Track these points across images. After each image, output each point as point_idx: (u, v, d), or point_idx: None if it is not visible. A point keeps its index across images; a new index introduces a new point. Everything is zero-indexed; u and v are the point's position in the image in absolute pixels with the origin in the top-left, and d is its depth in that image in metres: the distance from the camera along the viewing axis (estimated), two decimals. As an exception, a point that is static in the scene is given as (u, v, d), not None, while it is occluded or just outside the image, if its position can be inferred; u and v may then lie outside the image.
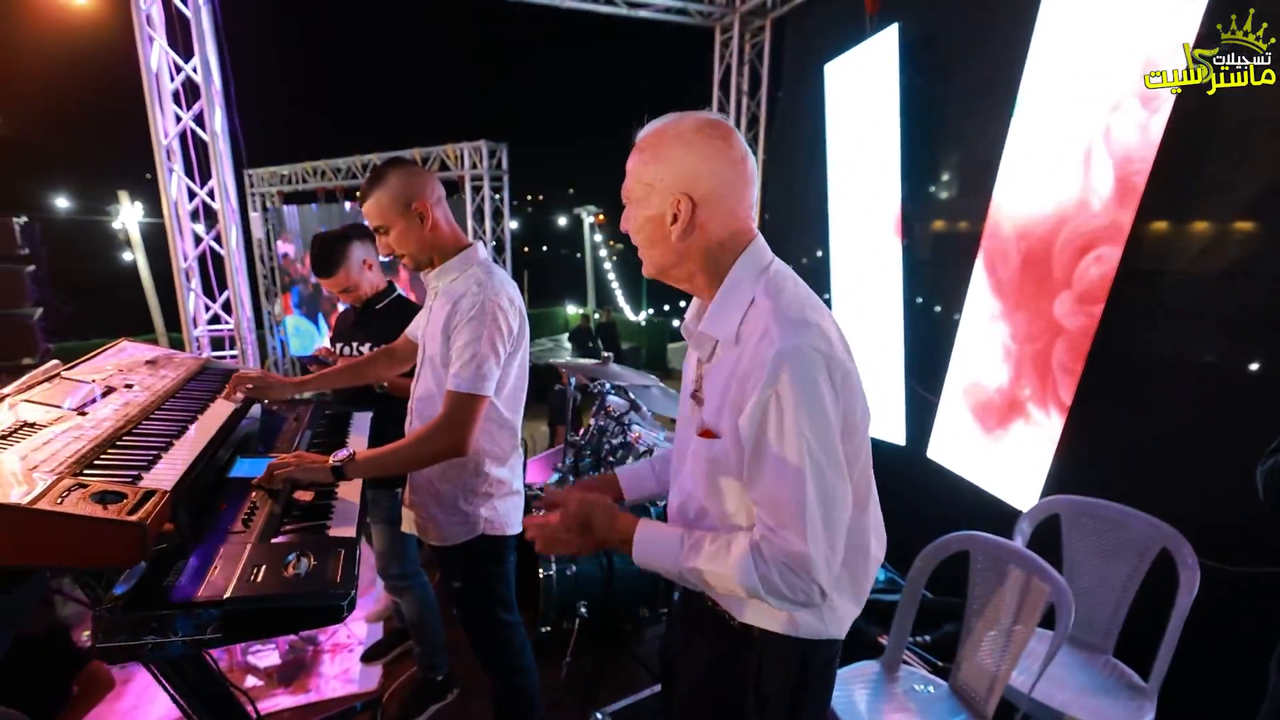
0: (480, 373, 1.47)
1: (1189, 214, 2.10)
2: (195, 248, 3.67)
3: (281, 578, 1.13)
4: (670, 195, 0.96)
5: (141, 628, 1.03)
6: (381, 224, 1.56)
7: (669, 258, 1.02)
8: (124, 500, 1.07)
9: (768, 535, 0.90)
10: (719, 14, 4.11)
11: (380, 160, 5.85)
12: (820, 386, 0.88)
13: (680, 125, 0.97)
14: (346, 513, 1.42)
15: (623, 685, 2.36)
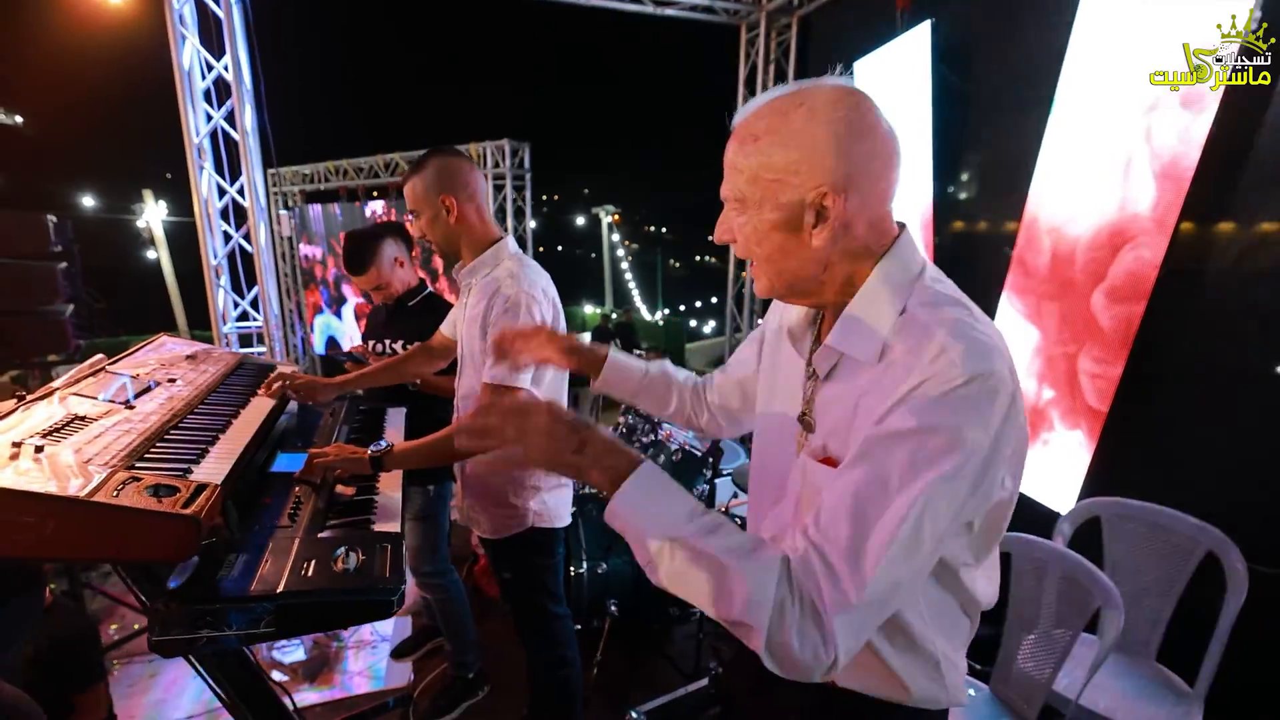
0: (515, 366, 1.46)
1: (1232, 214, 2.05)
2: (225, 245, 3.71)
3: (331, 572, 1.13)
4: (809, 188, 0.75)
5: (197, 621, 1.03)
6: (414, 209, 1.60)
7: (808, 268, 0.80)
8: (177, 494, 1.08)
9: (808, 558, 0.69)
10: (745, 12, 4.09)
11: (403, 159, 5.89)
12: (992, 431, 0.69)
13: (812, 98, 0.75)
14: (389, 508, 1.41)
15: (654, 684, 2.34)
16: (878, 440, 0.70)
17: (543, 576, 1.73)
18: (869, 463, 0.70)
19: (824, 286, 0.83)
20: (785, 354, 0.97)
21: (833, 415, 0.83)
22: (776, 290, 0.85)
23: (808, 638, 0.66)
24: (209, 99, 3.55)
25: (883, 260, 0.80)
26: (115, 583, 2.97)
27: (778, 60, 4.21)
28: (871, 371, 0.78)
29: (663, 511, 0.73)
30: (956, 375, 0.68)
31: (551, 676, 1.80)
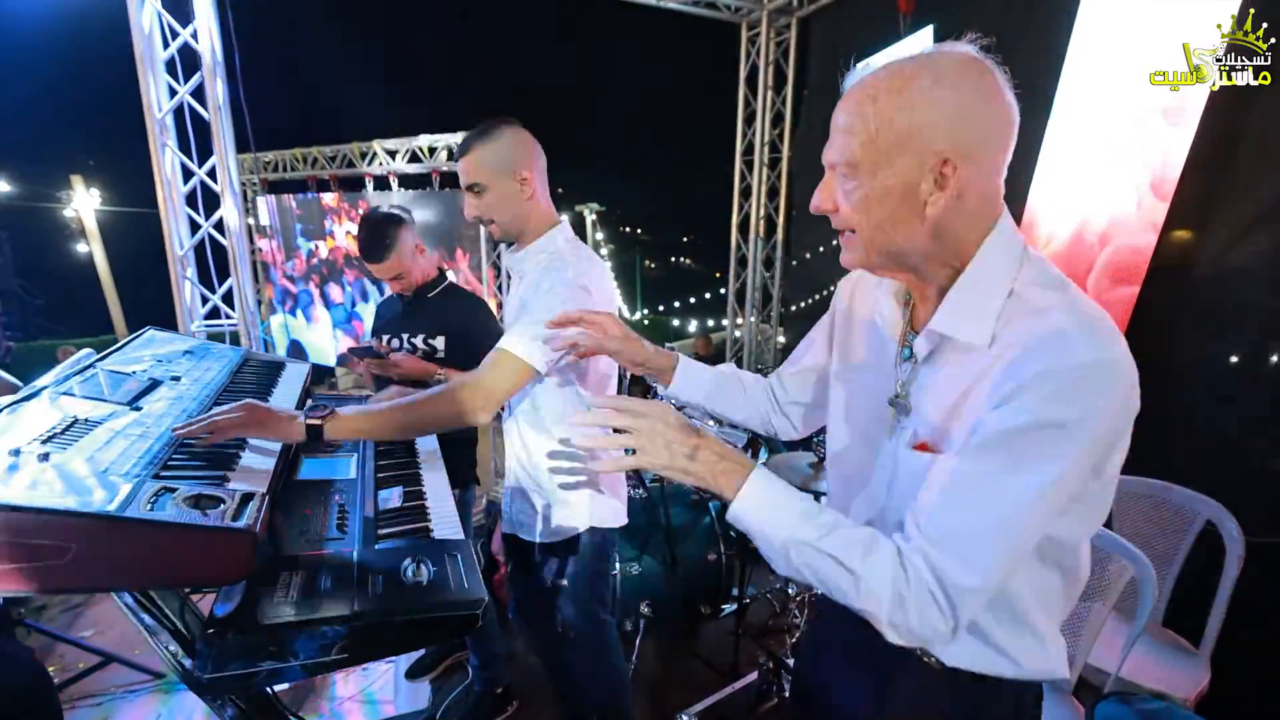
0: (536, 341, 1.31)
1: (1216, 216, 2.17)
2: (193, 234, 3.42)
3: (404, 587, 0.99)
4: (931, 156, 0.72)
5: (258, 653, 0.87)
6: (478, 183, 1.41)
7: (906, 240, 0.77)
8: (223, 505, 0.92)
9: (926, 551, 0.71)
10: (747, 9, 4.01)
11: (381, 148, 5.61)
12: (1111, 417, 0.69)
13: (938, 62, 0.73)
14: (445, 513, 1.27)
15: (691, 684, 2.25)
16: (995, 432, 0.69)
17: (598, 581, 1.62)
18: (986, 453, 0.70)
19: (928, 260, 0.80)
20: (873, 337, 0.94)
21: (934, 402, 0.81)
22: (873, 261, 0.82)
23: (926, 618, 0.70)
24: (172, 70, 3.26)
25: (990, 236, 0.78)
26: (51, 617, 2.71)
27: (778, 61, 4.14)
28: (982, 358, 0.75)
29: (781, 515, 0.77)
30: (1077, 362, 0.67)
31: (601, 685, 1.69)
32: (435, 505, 1.30)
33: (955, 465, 0.72)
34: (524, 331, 1.33)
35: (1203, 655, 1.85)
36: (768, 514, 0.78)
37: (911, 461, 0.81)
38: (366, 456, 1.48)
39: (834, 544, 0.73)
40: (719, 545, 2.46)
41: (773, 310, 4.53)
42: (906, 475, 0.83)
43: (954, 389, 0.77)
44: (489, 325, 2.16)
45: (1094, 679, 1.73)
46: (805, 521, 0.75)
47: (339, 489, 1.30)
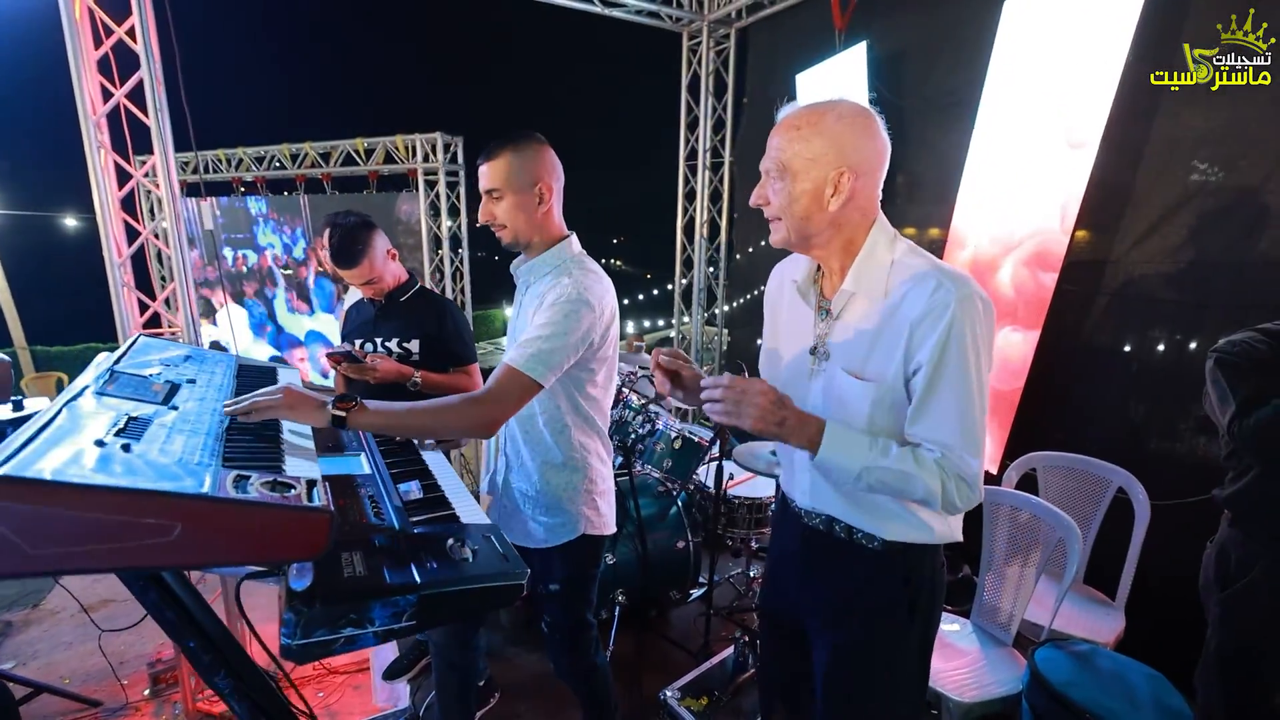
0: (544, 359, 1.39)
1: (1122, 218, 2.47)
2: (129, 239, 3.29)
3: (456, 562, 1.11)
4: (833, 169, 1.06)
5: (340, 619, 0.97)
6: (496, 188, 1.49)
7: (818, 227, 1.11)
8: (296, 490, 1.01)
9: (947, 455, 1.02)
10: (688, 19, 4.22)
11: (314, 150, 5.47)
12: (988, 326, 1.04)
13: (840, 108, 1.07)
14: (465, 501, 1.38)
15: (665, 668, 2.39)
16: (939, 366, 1.02)
17: (588, 586, 1.69)
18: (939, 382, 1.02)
19: (830, 242, 1.13)
20: (790, 308, 1.27)
21: (851, 343, 1.13)
22: (792, 240, 1.15)
23: (966, 497, 1.04)
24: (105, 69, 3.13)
25: (874, 228, 1.13)
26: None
27: (718, 69, 4.39)
28: (880, 305, 1.09)
29: (853, 452, 1.04)
30: (950, 297, 1.01)
31: (586, 685, 1.79)
32: (454, 495, 1.40)
33: (929, 396, 1.03)
34: (529, 346, 1.40)
35: (1118, 605, 2.15)
36: (844, 452, 1.04)
37: (844, 388, 1.12)
38: (375, 455, 1.55)
39: (895, 459, 1.02)
40: (687, 534, 2.63)
41: (718, 308, 4.77)
42: (834, 400, 1.14)
43: (865, 332, 1.10)
44: (460, 327, 2.24)
45: (1029, 633, 1.98)
46: (870, 450, 1.03)
47: (361, 483, 1.38)
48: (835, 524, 1.22)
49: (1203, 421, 2.29)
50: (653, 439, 2.46)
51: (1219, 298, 2.22)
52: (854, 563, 1.20)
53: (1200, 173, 2.26)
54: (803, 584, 1.29)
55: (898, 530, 1.16)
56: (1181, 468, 2.32)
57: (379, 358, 2.08)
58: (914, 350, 1.04)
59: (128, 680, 2.42)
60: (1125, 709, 1.53)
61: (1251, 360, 1.48)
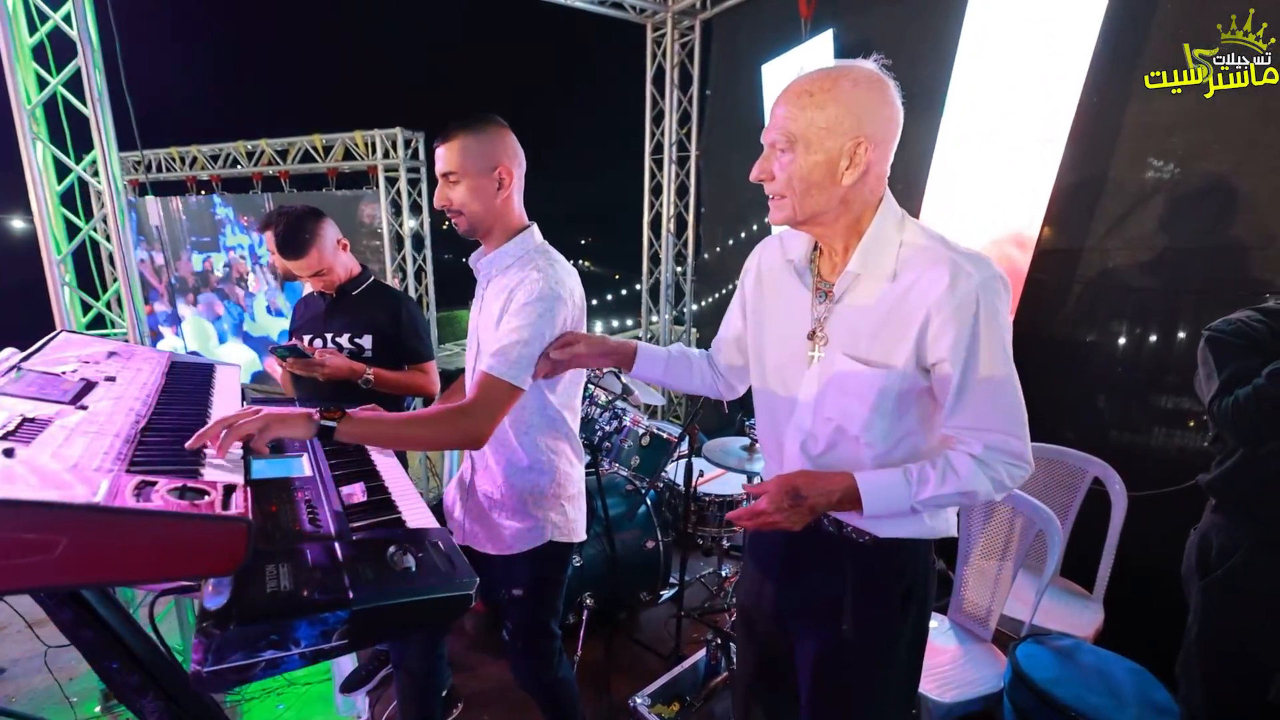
0: (524, 364, 1.34)
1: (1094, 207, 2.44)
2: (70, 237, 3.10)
3: (396, 574, 1.01)
4: (849, 138, 0.98)
5: (259, 640, 0.86)
6: (453, 171, 1.40)
7: (825, 202, 1.03)
8: (208, 496, 0.91)
9: (990, 442, 0.99)
10: (652, 10, 4.15)
11: (271, 147, 5.29)
12: (1007, 308, 0.99)
13: (854, 72, 0.99)
14: (412, 504, 1.28)
15: (634, 672, 2.32)
16: (971, 358, 0.97)
17: (553, 593, 1.61)
18: (977, 368, 0.97)
19: (837, 220, 1.05)
20: (785, 289, 1.18)
21: (855, 326, 1.05)
22: (798, 218, 1.06)
23: (1017, 476, 1.01)
24: (41, 58, 2.95)
25: (881, 206, 1.05)
26: None
27: (683, 62, 4.32)
28: (889, 289, 1.02)
29: (894, 496, 1.01)
30: (972, 284, 0.95)
31: (549, 697, 1.71)
32: (401, 498, 1.30)
33: (967, 389, 0.98)
34: (509, 352, 1.34)
35: (1096, 598, 2.11)
36: (890, 503, 1.01)
37: (865, 378, 1.05)
38: (318, 455, 1.44)
39: (939, 482, 1.00)
40: (656, 533, 2.55)
41: (686, 305, 4.70)
42: (834, 387, 1.08)
43: (872, 315, 1.04)
44: (417, 323, 2.13)
45: (1008, 629, 1.94)
46: (910, 486, 1.01)
47: (299, 486, 1.27)
48: (824, 518, 1.15)
49: (1179, 410, 2.28)
50: (620, 436, 2.38)
51: (1192, 285, 2.21)
52: (843, 559, 1.14)
53: (1170, 160, 2.24)
54: (787, 582, 1.23)
55: (890, 526, 1.10)
56: (1158, 457, 2.30)
57: (328, 353, 1.96)
58: (934, 339, 0.98)
59: (77, 698, 2.32)
60: (1110, 705, 1.49)
61: (1244, 338, 1.45)
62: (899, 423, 1.05)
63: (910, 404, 1.05)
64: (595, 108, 28.81)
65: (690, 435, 2.27)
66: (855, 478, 1.01)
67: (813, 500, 1.01)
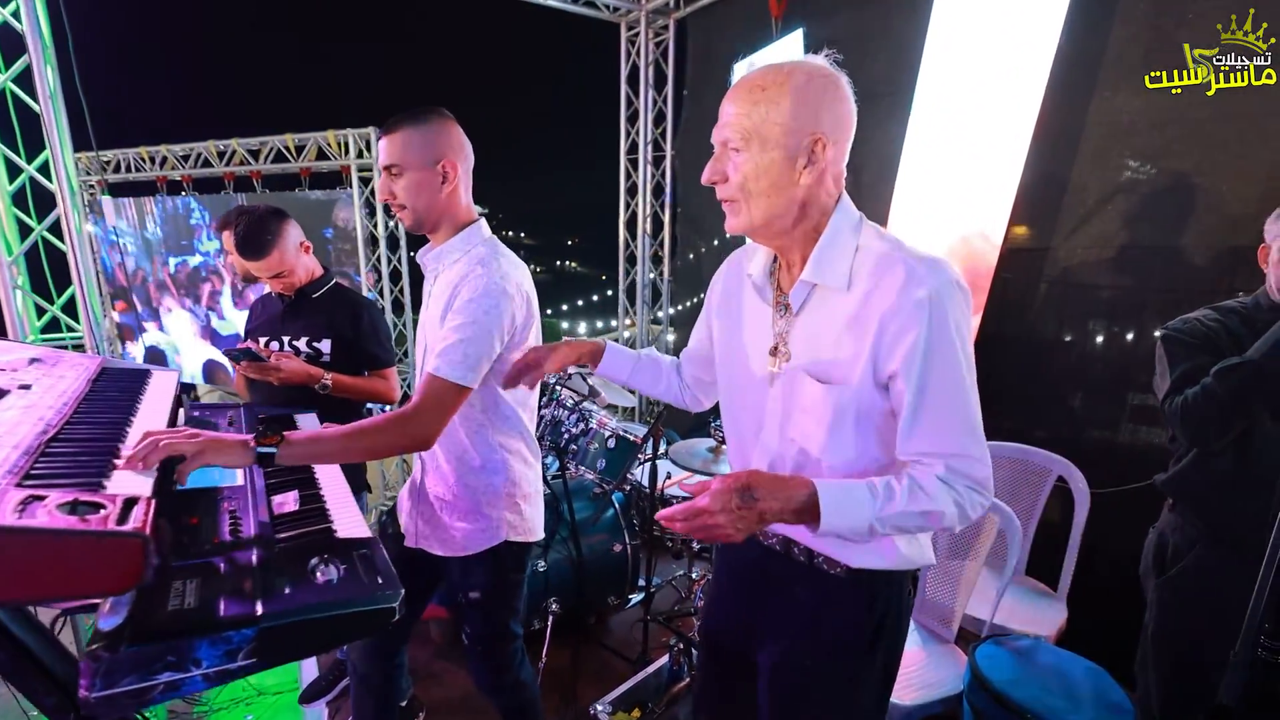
0: (470, 363, 1.31)
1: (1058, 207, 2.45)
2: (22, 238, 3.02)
3: (315, 587, 0.97)
4: (806, 135, 0.91)
5: (155, 662, 0.82)
6: (396, 164, 1.37)
7: (783, 205, 0.96)
8: (105, 510, 0.86)
9: (951, 464, 0.91)
10: (625, 9, 4.11)
11: (242, 147, 5.20)
12: (967, 312, 0.92)
13: (807, 67, 0.93)
14: (347, 512, 1.23)
15: (601, 677, 2.28)
16: (924, 372, 0.90)
17: (512, 594, 1.58)
18: (930, 384, 0.90)
19: (796, 227, 0.98)
20: (746, 305, 1.13)
21: (813, 341, 1.00)
22: (756, 224, 0.98)
23: (978, 504, 0.93)
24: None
25: (837, 210, 0.99)
26: None
27: (657, 60, 4.28)
28: (845, 299, 0.96)
29: (856, 509, 0.90)
30: (923, 290, 0.88)
31: (515, 700, 1.66)
32: (335, 506, 1.25)
33: (920, 407, 0.91)
34: (453, 351, 1.31)
35: (1060, 596, 2.11)
36: (848, 515, 0.90)
37: (820, 395, 0.98)
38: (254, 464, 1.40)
39: (904, 499, 0.90)
40: (624, 536, 2.52)
41: (663, 307, 4.66)
42: (796, 405, 1.01)
43: (829, 328, 0.97)
44: (378, 328, 2.09)
45: (972, 628, 1.93)
46: (873, 502, 0.90)
47: (227, 496, 1.23)
48: (794, 546, 1.09)
49: (1143, 408, 2.27)
50: (586, 438, 2.34)
51: (1155, 284, 2.22)
52: (813, 589, 1.08)
53: (1133, 160, 2.24)
54: (754, 609, 1.17)
55: (864, 556, 1.03)
56: (1120, 455, 2.30)
57: (285, 356, 1.91)
58: (887, 350, 0.91)
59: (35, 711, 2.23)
60: (1066, 707, 1.47)
61: (1197, 337, 1.43)
62: (860, 446, 0.98)
63: (870, 425, 0.97)
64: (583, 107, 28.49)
65: (655, 437, 2.23)
66: (816, 485, 0.91)
67: (765, 504, 0.89)
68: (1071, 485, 2.12)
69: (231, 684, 2.37)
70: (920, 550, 1.07)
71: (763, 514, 0.89)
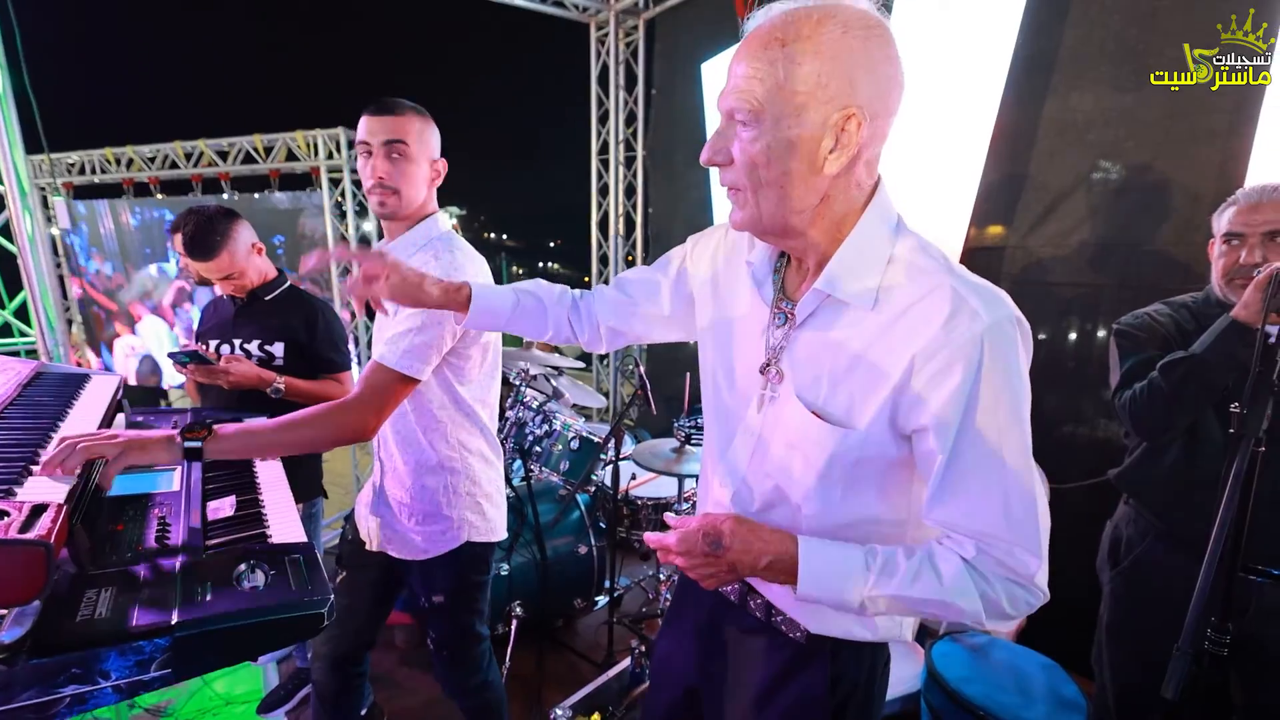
0: (418, 353, 1.28)
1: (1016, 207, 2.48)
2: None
3: (238, 593, 0.94)
4: (836, 109, 0.70)
5: (58, 675, 0.79)
6: (403, 140, 1.36)
7: (803, 200, 0.75)
8: (7, 518, 0.83)
9: (988, 549, 0.73)
10: (594, 9, 4.10)
11: (210, 148, 5.12)
12: (1025, 364, 0.73)
13: (844, 13, 0.69)
14: (284, 517, 1.20)
15: (565, 681, 2.26)
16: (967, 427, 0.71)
17: (476, 595, 1.55)
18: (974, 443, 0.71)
19: (813, 225, 0.77)
20: (739, 297, 0.92)
21: (819, 364, 0.80)
22: (764, 222, 0.78)
23: (1018, 601, 0.74)
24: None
25: (871, 206, 0.78)
26: None
27: (628, 61, 4.28)
28: (867, 320, 0.76)
29: (842, 581, 0.75)
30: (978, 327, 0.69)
31: (475, 703, 1.64)
32: (273, 511, 1.22)
33: (957, 470, 0.72)
34: (401, 341, 1.28)
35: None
36: (833, 587, 0.76)
37: (813, 433, 0.80)
38: (192, 469, 1.36)
39: (906, 581, 0.73)
40: (589, 538, 2.49)
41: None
42: (782, 444, 0.84)
43: (839, 354, 0.77)
44: (334, 331, 2.06)
45: (930, 624, 1.95)
46: (869, 573, 0.75)
47: (159, 502, 1.20)
48: (752, 599, 0.93)
49: (1100, 403, 2.29)
50: (550, 440, 2.31)
51: (1113, 280, 2.24)
52: (770, 651, 0.92)
53: (1090, 159, 2.27)
54: (704, 664, 1.01)
55: (828, 622, 0.87)
56: (1080, 451, 2.32)
57: (234, 359, 1.87)
58: (918, 397, 0.72)
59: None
60: (1018, 702, 1.47)
61: (1146, 331, 1.44)
62: (850, 498, 0.81)
63: (872, 475, 0.79)
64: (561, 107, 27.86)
65: (617, 437, 2.22)
66: (799, 544, 0.77)
67: (735, 556, 0.77)
68: (1032, 479, 2.13)
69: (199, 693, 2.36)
70: (899, 625, 0.91)
71: (733, 565, 0.78)
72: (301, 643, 2.14)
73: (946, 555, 0.75)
